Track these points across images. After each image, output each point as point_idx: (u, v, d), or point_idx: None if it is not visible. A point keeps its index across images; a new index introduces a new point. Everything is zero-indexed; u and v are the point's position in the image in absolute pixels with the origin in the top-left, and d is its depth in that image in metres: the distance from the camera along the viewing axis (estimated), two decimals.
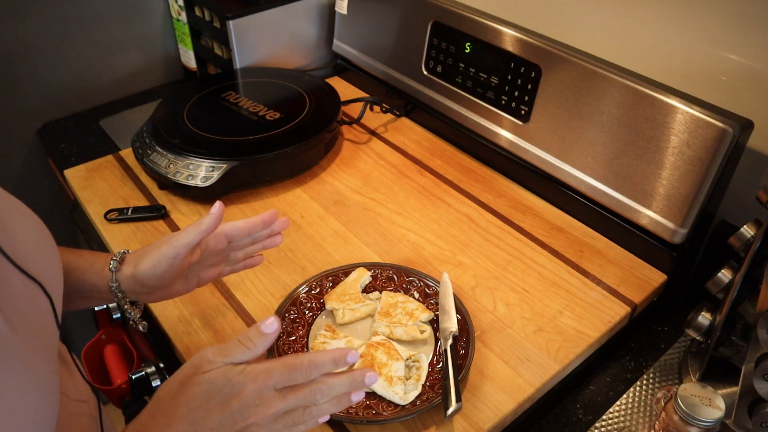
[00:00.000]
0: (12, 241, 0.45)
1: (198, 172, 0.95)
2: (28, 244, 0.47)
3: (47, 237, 0.52)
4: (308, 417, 0.50)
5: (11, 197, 0.50)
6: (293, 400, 0.48)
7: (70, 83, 1.27)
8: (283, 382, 0.48)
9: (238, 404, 0.46)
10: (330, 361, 0.49)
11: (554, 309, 0.80)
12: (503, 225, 0.95)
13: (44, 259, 0.49)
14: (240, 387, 0.47)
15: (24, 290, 0.44)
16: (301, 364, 0.48)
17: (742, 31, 0.79)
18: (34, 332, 0.43)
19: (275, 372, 0.47)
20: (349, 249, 0.89)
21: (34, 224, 0.51)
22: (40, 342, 0.44)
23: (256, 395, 0.47)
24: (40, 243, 0.50)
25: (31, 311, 0.44)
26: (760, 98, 0.80)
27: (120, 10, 1.27)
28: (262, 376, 0.47)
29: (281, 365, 0.48)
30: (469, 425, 0.66)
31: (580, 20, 0.97)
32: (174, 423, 0.46)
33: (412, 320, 0.75)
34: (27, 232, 0.49)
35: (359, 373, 0.50)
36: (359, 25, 1.24)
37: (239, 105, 1.11)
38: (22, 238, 0.47)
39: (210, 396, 0.47)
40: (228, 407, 0.46)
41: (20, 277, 0.44)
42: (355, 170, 1.07)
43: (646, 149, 0.82)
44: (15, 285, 0.43)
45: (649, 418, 0.73)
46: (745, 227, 0.70)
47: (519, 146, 0.98)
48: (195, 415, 0.46)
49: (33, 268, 0.45)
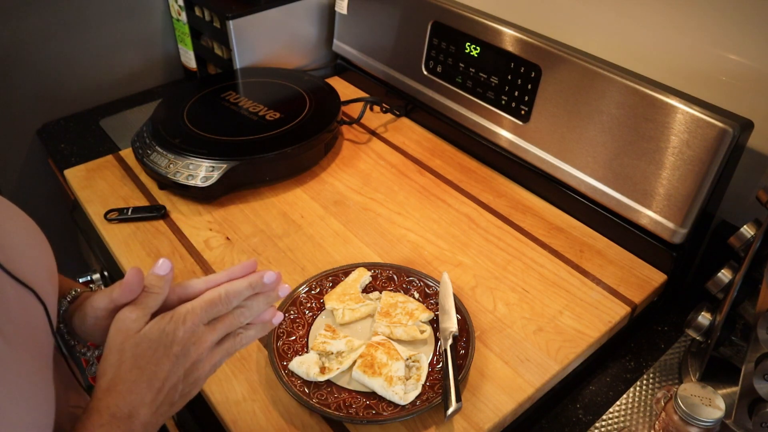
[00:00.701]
0: (3, 246, 0.44)
1: (198, 172, 0.95)
2: (21, 249, 0.47)
3: (41, 240, 0.51)
4: (240, 342, 0.54)
5: (4, 200, 0.50)
6: (221, 329, 0.52)
7: (70, 83, 1.27)
8: (208, 316, 0.51)
9: (179, 348, 0.49)
10: (246, 287, 0.53)
11: (554, 309, 0.80)
12: (503, 225, 0.95)
13: (38, 265, 0.49)
14: (174, 332, 0.49)
15: (17, 299, 0.43)
16: (219, 296, 0.52)
17: (742, 31, 0.79)
18: (28, 342, 0.43)
19: (199, 309, 0.51)
20: (349, 249, 0.89)
21: (26, 228, 0.50)
22: (34, 351, 0.44)
23: (190, 334, 0.50)
24: (33, 247, 0.50)
25: (25, 320, 0.44)
26: (760, 98, 0.80)
27: (120, 10, 1.27)
28: (190, 316, 0.50)
29: (202, 302, 0.51)
30: (469, 425, 0.66)
31: (580, 20, 0.97)
32: (133, 387, 0.48)
33: (412, 320, 0.75)
34: (19, 237, 0.48)
35: (257, 276, 0.54)
36: (359, 25, 1.24)
37: (239, 105, 1.11)
38: (13, 243, 0.46)
39: (152, 350, 0.49)
40: (171, 353, 0.49)
41: (13, 285, 0.43)
42: (355, 170, 1.07)
43: (646, 149, 0.82)
44: (7, 294, 0.42)
45: (649, 418, 0.73)
46: (745, 227, 0.70)
47: (519, 146, 0.98)
48: (147, 372, 0.48)
49: (26, 275, 0.45)
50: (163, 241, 0.91)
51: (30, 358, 0.42)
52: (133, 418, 0.47)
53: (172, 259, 0.87)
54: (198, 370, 0.52)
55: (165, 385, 0.49)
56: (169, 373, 0.49)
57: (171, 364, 0.49)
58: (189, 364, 0.51)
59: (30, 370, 0.42)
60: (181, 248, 0.89)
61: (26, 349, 0.42)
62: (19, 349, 0.41)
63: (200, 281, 0.55)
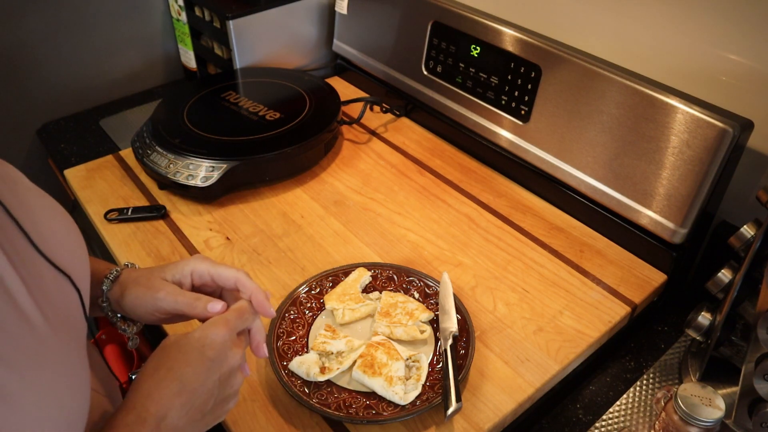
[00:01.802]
0: (41, 234, 0.45)
1: (198, 172, 0.95)
2: (58, 237, 0.48)
3: (75, 231, 0.52)
4: None
5: (40, 191, 0.51)
6: (245, 341, 0.55)
7: (70, 83, 1.27)
8: (239, 326, 0.53)
9: (214, 352, 0.50)
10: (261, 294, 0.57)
11: (554, 309, 0.80)
12: (503, 225, 0.95)
13: (73, 253, 0.49)
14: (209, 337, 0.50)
15: (54, 283, 0.44)
16: (246, 307, 0.55)
17: (742, 31, 0.79)
18: (66, 325, 0.44)
19: (233, 319, 0.53)
20: (349, 249, 0.89)
21: (62, 218, 0.51)
22: (72, 335, 0.44)
23: (225, 340, 0.51)
24: (69, 236, 0.50)
25: (62, 304, 0.44)
26: (760, 98, 0.80)
27: (120, 10, 1.27)
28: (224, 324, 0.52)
29: (235, 311, 0.54)
30: (469, 425, 0.66)
31: (580, 20, 0.97)
32: (162, 386, 0.48)
33: (412, 320, 0.75)
34: (56, 225, 0.49)
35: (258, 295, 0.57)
36: (359, 25, 1.24)
37: (239, 105, 1.11)
38: (51, 231, 0.47)
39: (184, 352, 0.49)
40: (206, 357, 0.49)
41: (50, 270, 0.44)
42: (355, 170, 1.07)
43: (646, 149, 0.82)
44: (46, 278, 0.43)
45: (649, 418, 0.73)
46: (745, 227, 0.70)
47: (519, 146, 0.98)
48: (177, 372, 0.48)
49: (62, 261, 0.45)
50: (163, 241, 0.91)
51: (68, 343, 0.43)
52: (161, 420, 0.46)
53: (172, 259, 0.87)
54: (233, 377, 0.52)
55: (198, 390, 0.48)
56: (202, 378, 0.49)
57: (205, 369, 0.49)
58: (225, 370, 0.50)
59: (69, 354, 0.42)
60: (181, 248, 0.89)
61: (65, 333, 0.43)
62: (59, 332, 0.42)
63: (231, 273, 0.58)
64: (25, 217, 0.44)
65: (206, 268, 0.59)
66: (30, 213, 0.45)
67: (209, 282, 0.59)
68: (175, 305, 0.56)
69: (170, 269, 0.59)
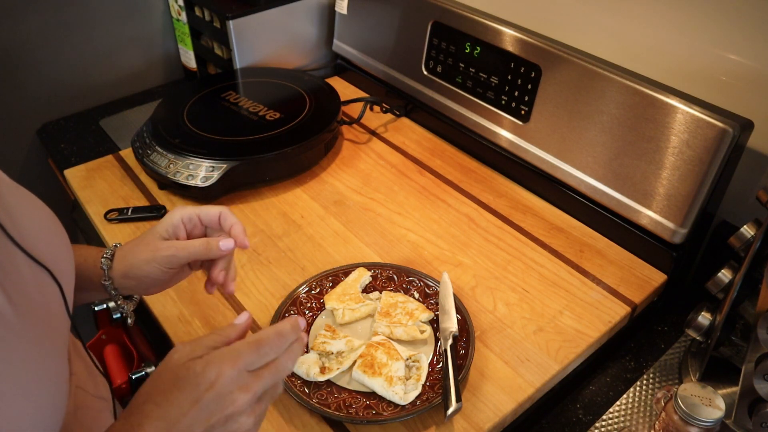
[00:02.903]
0: (18, 225, 0.44)
1: (198, 172, 0.95)
2: (37, 231, 0.47)
3: (58, 227, 0.52)
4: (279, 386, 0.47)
5: (22, 188, 0.51)
6: (269, 378, 0.45)
7: (70, 83, 1.27)
8: (255, 362, 0.44)
9: (211, 394, 0.42)
10: (290, 329, 0.47)
11: (554, 309, 0.80)
12: (503, 225, 0.95)
13: (54, 247, 0.49)
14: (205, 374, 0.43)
15: (31, 274, 0.43)
16: (268, 337, 0.45)
17: (742, 31, 0.79)
18: (41, 317, 0.43)
19: (244, 353, 0.44)
20: (349, 249, 0.89)
21: (44, 213, 0.51)
22: (47, 328, 0.43)
23: (230, 381, 0.43)
24: (51, 231, 0.50)
25: (38, 295, 0.44)
26: (760, 98, 0.80)
27: (120, 10, 1.27)
28: (230, 361, 0.43)
29: (248, 344, 0.45)
30: (469, 425, 0.66)
31: (580, 20, 0.97)
32: (144, 422, 0.42)
33: (412, 320, 0.75)
34: (37, 220, 0.48)
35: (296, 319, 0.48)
36: (359, 25, 1.24)
37: (239, 105, 1.11)
38: (30, 224, 0.46)
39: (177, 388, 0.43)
40: (198, 397, 0.42)
41: (26, 261, 0.43)
42: (355, 170, 1.07)
43: (646, 149, 0.82)
44: (20, 267, 0.42)
45: (649, 418, 0.73)
46: (745, 227, 0.70)
47: (519, 146, 0.98)
48: (163, 409, 0.42)
49: (41, 254, 0.45)
50: None
51: (42, 336, 0.42)
52: None
53: None
54: (234, 422, 0.43)
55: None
56: (189, 421, 0.42)
57: (197, 410, 0.42)
58: (222, 416, 0.42)
59: (42, 347, 0.42)
60: None
61: (39, 324, 0.42)
62: (31, 322, 0.41)
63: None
64: (1, 210, 0.43)
65: (192, 211, 0.62)
66: (7, 206, 0.45)
67: (198, 224, 0.63)
68: (188, 255, 0.59)
69: (162, 227, 0.62)
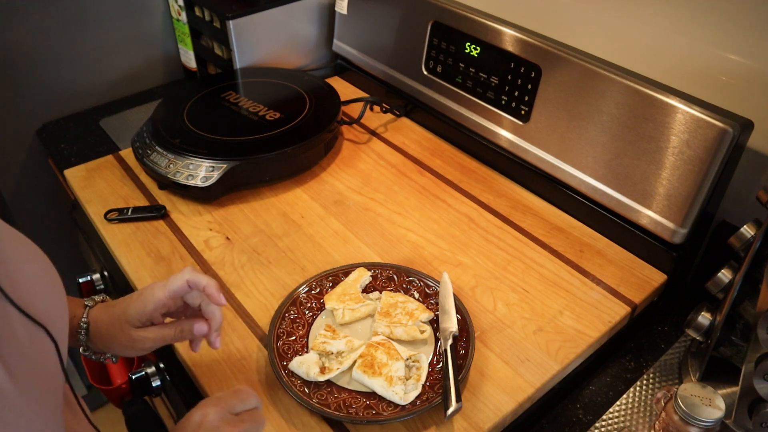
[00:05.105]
0: (15, 282, 0.42)
1: (198, 172, 0.95)
2: (33, 285, 0.45)
3: (53, 275, 0.49)
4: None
5: (17, 233, 0.48)
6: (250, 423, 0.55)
7: (70, 83, 1.27)
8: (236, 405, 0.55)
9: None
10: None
11: (554, 309, 0.80)
12: (503, 225, 0.95)
13: (49, 300, 0.47)
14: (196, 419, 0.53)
15: (27, 335, 0.41)
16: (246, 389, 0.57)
17: (742, 31, 0.79)
18: (38, 380, 0.41)
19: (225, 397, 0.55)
20: (349, 249, 0.89)
21: (39, 263, 0.48)
22: (44, 391, 0.42)
23: (216, 418, 0.53)
24: (46, 283, 0.47)
25: (35, 358, 0.42)
26: (760, 98, 0.80)
27: (120, 10, 1.27)
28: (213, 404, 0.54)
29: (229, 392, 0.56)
30: (469, 425, 0.66)
31: (580, 20, 0.97)
32: None
33: (412, 320, 0.75)
34: (32, 272, 0.46)
35: None
36: (359, 25, 1.24)
37: (239, 105, 1.11)
38: (25, 278, 0.44)
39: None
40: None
41: (23, 322, 0.41)
42: (355, 170, 1.07)
43: (646, 149, 0.82)
44: (17, 330, 0.41)
45: (649, 418, 0.73)
46: (745, 227, 0.70)
47: (519, 146, 0.98)
48: None
49: (36, 310, 0.43)
50: (163, 241, 0.91)
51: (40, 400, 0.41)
52: None
53: (172, 259, 0.87)
54: None
55: None
56: None
57: None
58: None
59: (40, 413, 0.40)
60: (181, 248, 0.89)
61: (36, 389, 0.41)
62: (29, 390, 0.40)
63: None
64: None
65: (161, 296, 0.62)
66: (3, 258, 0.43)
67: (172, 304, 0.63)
68: (164, 343, 0.63)
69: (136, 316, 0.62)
